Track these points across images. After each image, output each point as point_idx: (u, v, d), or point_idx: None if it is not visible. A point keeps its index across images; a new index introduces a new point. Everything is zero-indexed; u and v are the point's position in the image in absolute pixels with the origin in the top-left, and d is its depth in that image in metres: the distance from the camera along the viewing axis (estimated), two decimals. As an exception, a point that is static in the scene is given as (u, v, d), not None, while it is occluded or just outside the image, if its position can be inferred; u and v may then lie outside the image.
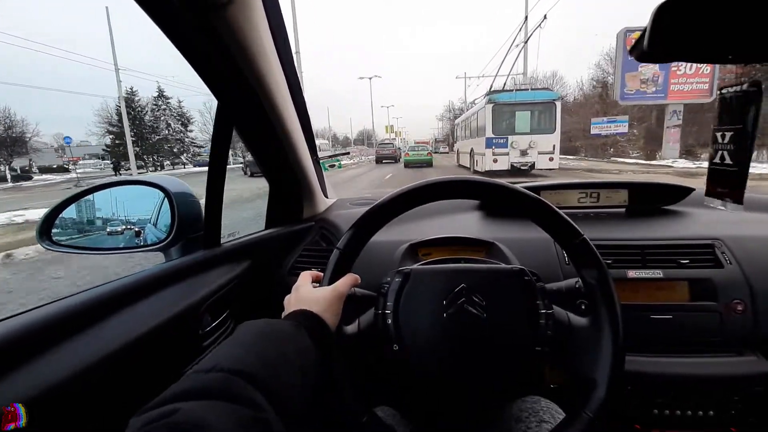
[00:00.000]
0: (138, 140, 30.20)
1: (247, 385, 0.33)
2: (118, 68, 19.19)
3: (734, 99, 0.50)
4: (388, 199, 0.58)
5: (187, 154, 34.23)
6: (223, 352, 0.39)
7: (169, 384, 0.34)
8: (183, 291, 0.73)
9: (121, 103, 21.72)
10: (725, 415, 0.78)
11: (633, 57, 0.49)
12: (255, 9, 0.71)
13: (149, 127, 31.92)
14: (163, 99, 33.12)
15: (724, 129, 0.52)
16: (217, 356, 0.38)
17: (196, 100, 37.19)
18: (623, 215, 1.10)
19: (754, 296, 0.80)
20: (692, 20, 0.42)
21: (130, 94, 29.99)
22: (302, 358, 0.43)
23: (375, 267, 0.84)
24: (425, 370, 0.58)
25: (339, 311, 0.55)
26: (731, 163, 0.51)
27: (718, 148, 0.53)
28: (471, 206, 1.19)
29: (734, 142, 0.51)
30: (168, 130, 32.87)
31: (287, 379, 0.38)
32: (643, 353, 0.80)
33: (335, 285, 0.55)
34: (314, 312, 0.51)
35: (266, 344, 0.41)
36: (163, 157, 32.65)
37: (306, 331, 0.46)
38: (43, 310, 0.52)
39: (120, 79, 19.56)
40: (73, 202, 0.81)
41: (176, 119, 33.73)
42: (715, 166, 0.54)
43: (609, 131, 19.08)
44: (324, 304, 0.52)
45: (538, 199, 0.56)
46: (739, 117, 0.50)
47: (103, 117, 29.35)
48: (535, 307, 0.57)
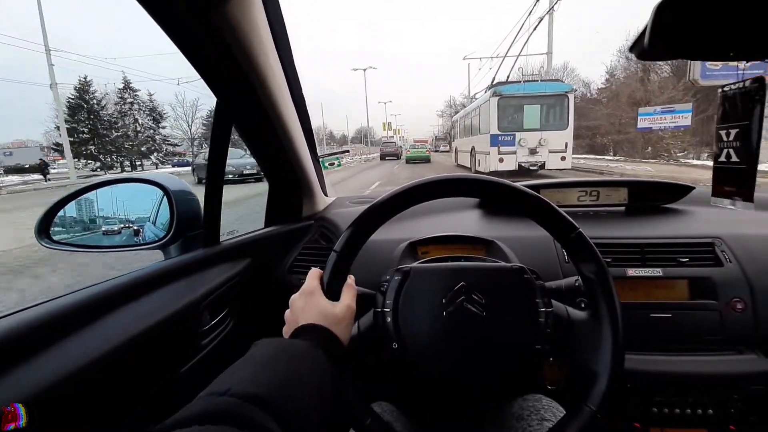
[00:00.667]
0: (93, 138, 27.64)
1: (260, 410, 0.33)
2: (49, 50, 16.54)
3: (737, 95, 0.50)
4: (387, 198, 0.58)
5: (159, 153, 31.33)
6: (237, 373, 0.38)
7: (168, 382, 0.34)
8: (182, 289, 0.73)
9: (55, 92, 18.18)
10: (725, 413, 0.78)
11: (634, 54, 0.49)
12: (255, 6, 0.71)
13: (107, 122, 28.50)
14: (130, 91, 30.05)
15: (729, 126, 0.51)
16: (231, 378, 0.37)
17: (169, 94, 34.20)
18: (623, 213, 1.10)
19: (754, 295, 0.80)
20: (692, 18, 0.42)
21: (83, 84, 27.38)
22: (318, 378, 0.42)
23: (374, 265, 0.84)
24: (425, 368, 0.58)
25: (351, 327, 0.54)
26: (738, 160, 0.51)
27: (724, 146, 0.52)
28: (470, 204, 1.19)
29: (740, 139, 0.50)
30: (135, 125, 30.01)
31: (302, 402, 0.38)
32: (642, 351, 0.80)
33: (348, 303, 0.54)
34: (329, 329, 0.49)
35: (282, 365, 0.40)
36: (124, 157, 29.17)
37: (322, 350, 0.45)
38: (42, 308, 0.52)
39: (52, 62, 17.06)
40: (72, 199, 0.81)
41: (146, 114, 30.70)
42: (721, 165, 0.53)
43: (664, 124, 14.46)
44: (338, 321, 0.51)
45: (534, 195, 0.56)
46: (743, 113, 0.49)
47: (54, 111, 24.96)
48: (535, 305, 0.57)
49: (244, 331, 0.90)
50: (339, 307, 0.53)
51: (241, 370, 0.39)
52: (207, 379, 0.39)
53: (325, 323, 0.49)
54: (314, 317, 0.50)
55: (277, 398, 0.35)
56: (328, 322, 0.50)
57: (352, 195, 1.40)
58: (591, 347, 0.54)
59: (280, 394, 0.36)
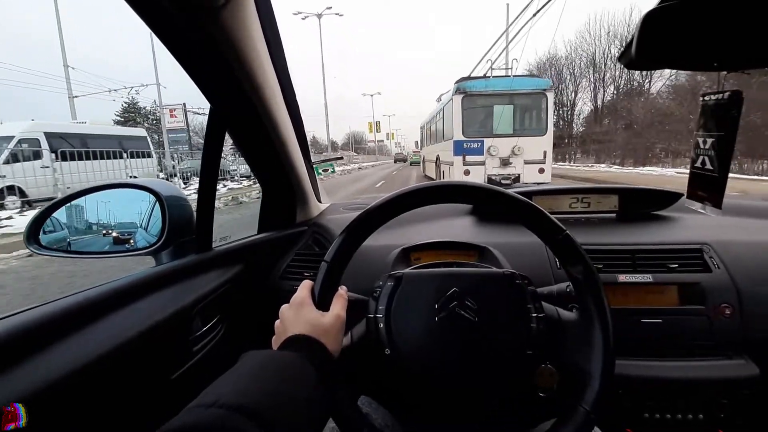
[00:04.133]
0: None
1: (248, 421, 0.33)
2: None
3: (716, 106, 0.52)
4: (379, 204, 0.58)
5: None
6: (225, 384, 0.38)
7: (159, 388, 0.34)
8: (174, 295, 0.72)
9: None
10: (714, 417, 0.79)
11: (622, 64, 0.50)
12: (249, 13, 0.71)
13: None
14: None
15: (706, 135, 0.53)
16: (218, 389, 0.37)
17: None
18: (614, 220, 1.11)
19: (742, 300, 0.81)
20: (678, 29, 0.43)
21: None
22: (307, 389, 0.42)
23: (367, 271, 0.84)
24: (417, 373, 0.58)
25: (341, 338, 0.54)
26: (711, 168, 0.53)
27: (700, 153, 0.54)
28: (463, 211, 1.20)
29: (715, 148, 0.52)
30: None
31: (290, 413, 0.38)
32: (633, 357, 0.81)
33: (337, 312, 0.54)
34: (318, 339, 0.49)
35: (270, 376, 0.40)
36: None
37: (310, 361, 0.45)
38: (31, 313, 0.51)
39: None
40: (63, 205, 0.80)
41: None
42: (697, 170, 0.55)
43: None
44: (327, 331, 0.51)
45: (524, 200, 0.57)
46: (720, 124, 0.51)
47: None
48: (527, 310, 0.57)
49: (236, 337, 0.89)
50: (328, 317, 0.52)
51: (229, 381, 0.39)
52: (198, 385, 0.38)
53: (314, 334, 0.49)
54: (303, 328, 0.50)
55: (265, 409, 0.35)
56: (318, 332, 0.50)
57: (346, 201, 1.40)
58: (583, 348, 0.55)
59: (268, 404, 0.36)
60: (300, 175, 1.11)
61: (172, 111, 20.46)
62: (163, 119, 20.20)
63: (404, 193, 0.58)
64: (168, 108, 19.30)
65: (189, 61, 0.72)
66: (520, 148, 8.27)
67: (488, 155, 8.40)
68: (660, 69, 0.55)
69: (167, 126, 18.21)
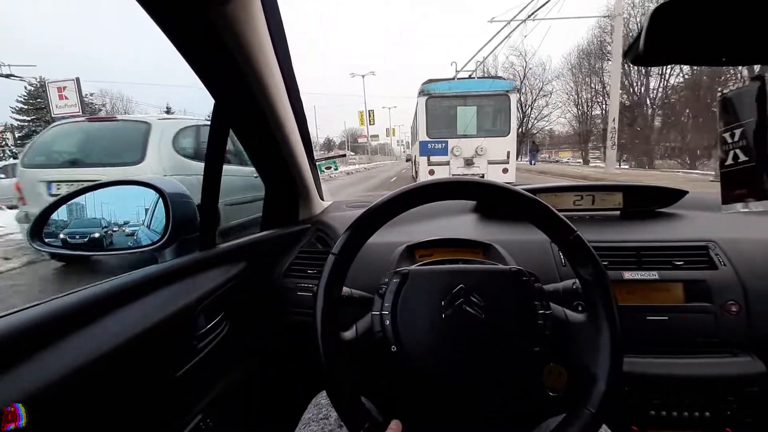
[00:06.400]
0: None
1: None
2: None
3: (740, 95, 0.50)
4: (385, 201, 0.57)
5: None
6: None
7: (164, 385, 0.33)
8: (178, 292, 0.72)
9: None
10: (721, 415, 0.79)
11: (629, 60, 0.50)
12: (254, 7, 0.71)
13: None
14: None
15: (733, 128, 0.50)
16: None
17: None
18: (618, 218, 1.11)
19: (748, 297, 0.81)
20: (687, 23, 0.43)
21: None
22: None
23: (372, 268, 0.84)
24: (423, 370, 0.57)
25: None
26: (747, 158, 0.49)
27: (729, 148, 0.51)
28: (468, 208, 1.19)
29: (746, 137, 0.49)
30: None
31: None
32: (639, 354, 0.81)
33: None
34: None
35: None
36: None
37: None
38: (33, 311, 0.51)
39: None
40: (66, 202, 0.80)
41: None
42: (728, 169, 0.52)
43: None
44: None
45: (533, 198, 0.56)
46: (747, 111, 0.49)
47: None
48: (533, 307, 0.57)
49: (240, 334, 0.89)
50: None
51: None
52: (202, 382, 0.38)
53: None
54: None
55: None
56: None
57: (349, 199, 1.41)
58: (589, 350, 0.54)
59: None
60: (303, 172, 1.10)
61: (61, 89, 12.14)
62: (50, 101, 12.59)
63: (410, 190, 0.57)
64: (55, 85, 11.95)
65: (194, 56, 0.72)
66: (484, 149, 8.45)
67: (452, 156, 8.58)
68: (667, 64, 0.54)
69: (55, 112, 11.62)
